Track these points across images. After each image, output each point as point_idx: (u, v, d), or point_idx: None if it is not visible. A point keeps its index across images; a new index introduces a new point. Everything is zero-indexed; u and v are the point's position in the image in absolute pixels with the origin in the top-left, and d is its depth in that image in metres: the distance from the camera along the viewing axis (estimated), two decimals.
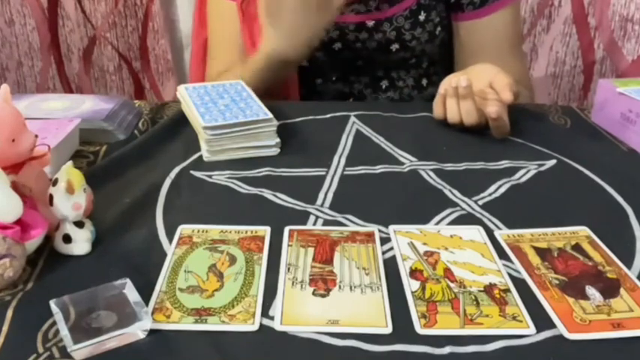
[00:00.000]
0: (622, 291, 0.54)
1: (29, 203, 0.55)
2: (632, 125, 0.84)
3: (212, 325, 0.49)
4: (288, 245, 0.59)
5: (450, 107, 0.83)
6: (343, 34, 0.99)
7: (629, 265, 0.57)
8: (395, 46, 1.00)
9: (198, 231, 0.61)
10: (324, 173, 0.74)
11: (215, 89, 0.86)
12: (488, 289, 0.54)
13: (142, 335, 0.47)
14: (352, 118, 0.90)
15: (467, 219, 0.65)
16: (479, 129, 0.83)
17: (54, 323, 0.48)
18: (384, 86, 1.04)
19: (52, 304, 0.49)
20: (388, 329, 0.49)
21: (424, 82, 1.07)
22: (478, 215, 0.66)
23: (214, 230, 0.61)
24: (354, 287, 0.54)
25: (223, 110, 0.79)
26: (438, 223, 0.64)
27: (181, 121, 0.86)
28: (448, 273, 0.56)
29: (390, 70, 1.04)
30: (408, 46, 1.00)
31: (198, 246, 0.59)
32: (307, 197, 0.68)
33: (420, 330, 0.49)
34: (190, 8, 1.68)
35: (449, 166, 0.76)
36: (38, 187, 0.57)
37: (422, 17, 0.99)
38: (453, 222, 0.64)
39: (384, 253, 0.59)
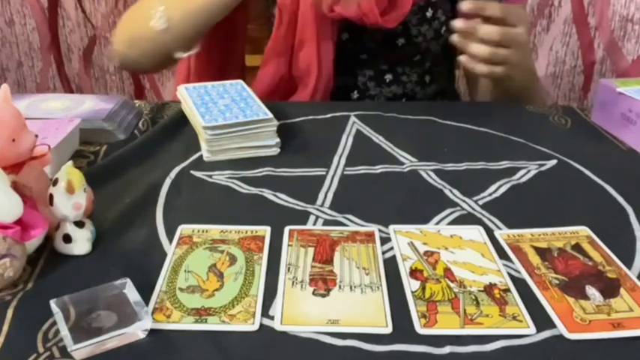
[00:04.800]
0: (622, 291, 0.54)
1: (29, 203, 0.55)
2: (632, 125, 0.84)
3: (212, 325, 0.49)
4: (288, 245, 0.59)
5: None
6: (351, 24, 0.97)
7: (629, 265, 0.57)
8: (401, 41, 1.00)
9: (198, 231, 0.61)
10: (324, 173, 0.74)
11: (215, 89, 0.86)
12: (489, 289, 0.54)
13: (142, 335, 0.47)
14: (352, 118, 0.90)
15: (467, 219, 0.65)
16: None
17: (54, 323, 0.48)
18: (387, 80, 1.04)
19: (52, 304, 0.49)
20: (388, 329, 0.49)
21: (427, 78, 1.07)
22: (478, 215, 0.66)
23: (214, 230, 0.61)
24: (354, 287, 0.54)
25: (223, 110, 0.79)
26: (438, 223, 0.64)
27: (181, 121, 0.86)
28: (448, 273, 0.56)
29: (394, 64, 1.04)
30: (413, 41, 1.01)
31: (199, 246, 0.59)
32: (307, 197, 0.68)
33: (420, 330, 0.49)
34: None
35: (449, 166, 0.76)
36: (38, 187, 0.57)
37: (429, 14, 0.99)
38: (453, 222, 0.64)
39: (384, 253, 0.59)
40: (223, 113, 0.78)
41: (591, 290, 0.53)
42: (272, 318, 0.50)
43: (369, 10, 0.92)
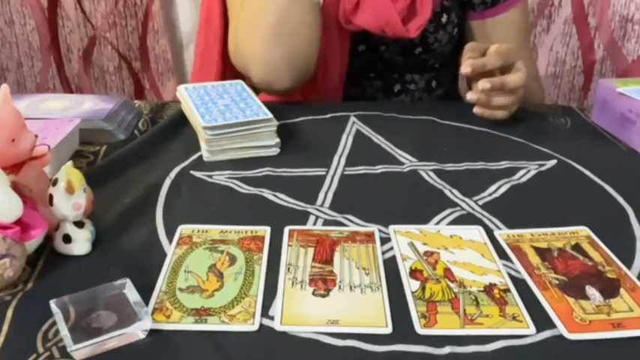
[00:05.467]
0: (622, 291, 0.54)
1: (29, 203, 0.55)
2: (632, 125, 0.84)
3: (212, 325, 0.49)
4: (288, 245, 0.59)
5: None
6: (368, 36, 0.97)
7: (629, 265, 0.57)
8: (418, 50, 1.00)
9: (198, 231, 0.61)
10: (324, 173, 0.74)
11: (215, 89, 0.86)
12: (488, 289, 0.54)
13: (142, 335, 0.47)
14: (352, 118, 0.90)
15: (467, 219, 0.65)
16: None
17: (54, 323, 0.48)
18: (396, 90, 1.04)
19: (52, 304, 0.49)
20: (388, 329, 0.49)
21: (434, 83, 1.07)
22: (478, 215, 0.66)
23: (214, 230, 0.61)
24: (354, 287, 0.54)
25: (223, 110, 0.79)
26: (438, 223, 0.64)
27: (181, 121, 0.86)
28: (448, 273, 0.56)
29: (404, 72, 1.04)
30: (430, 48, 1.00)
31: (198, 246, 0.59)
32: (307, 197, 0.68)
33: (419, 330, 0.49)
34: (190, 8, 1.68)
35: (449, 167, 0.76)
36: (38, 187, 0.57)
37: (444, 19, 0.99)
38: (453, 222, 0.64)
39: (384, 253, 0.59)
40: (223, 113, 0.78)
41: (591, 290, 0.53)
42: (272, 318, 0.50)
43: (393, 20, 0.90)
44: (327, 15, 0.93)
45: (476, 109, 0.86)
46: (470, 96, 0.84)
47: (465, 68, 0.81)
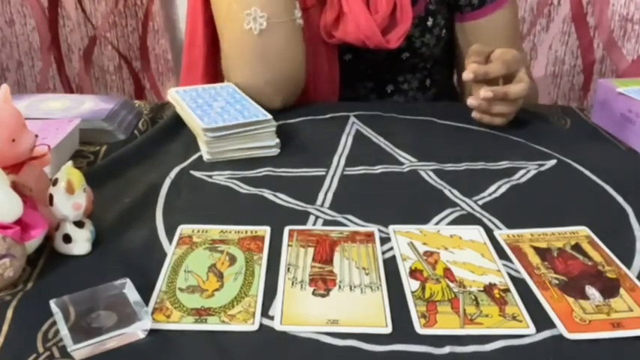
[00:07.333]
0: (622, 291, 0.54)
1: (29, 203, 0.55)
2: (632, 125, 0.84)
3: (212, 325, 0.49)
4: (288, 245, 0.59)
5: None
6: (353, 45, 0.97)
7: (628, 265, 0.57)
8: (405, 55, 1.00)
9: (198, 231, 0.61)
10: (324, 173, 0.74)
11: (207, 92, 0.86)
12: (488, 289, 0.54)
13: (142, 335, 0.47)
14: (352, 119, 0.90)
15: (467, 219, 0.65)
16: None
17: (54, 323, 0.48)
18: (389, 90, 1.04)
19: (52, 304, 0.49)
20: (388, 329, 0.49)
21: (427, 82, 1.07)
22: (478, 215, 0.66)
23: (214, 230, 0.61)
24: (354, 287, 0.54)
25: (220, 112, 0.79)
26: (437, 223, 0.64)
27: (181, 121, 0.86)
28: (448, 273, 0.56)
29: (396, 74, 1.04)
30: (418, 52, 1.00)
31: (198, 246, 0.59)
32: (307, 197, 0.68)
33: (419, 330, 0.49)
34: None
35: (449, 166, 0.76)
36: (38, 187, 0.57)
37: (430, 23, 0.99)
38: (453, 222, 0.64)
39: (383, 253, 0.59)
40: (221, 115, 0.78)
41: (591, 290, 0.53)
42: (272, 318, 0.50)
43: (372, 32, 0.91)
44: (312, 28, 0.94)
45: (475, 114, 0.87)
46: (470, 101, 0.84)
47: (467, 75, 0.81)
